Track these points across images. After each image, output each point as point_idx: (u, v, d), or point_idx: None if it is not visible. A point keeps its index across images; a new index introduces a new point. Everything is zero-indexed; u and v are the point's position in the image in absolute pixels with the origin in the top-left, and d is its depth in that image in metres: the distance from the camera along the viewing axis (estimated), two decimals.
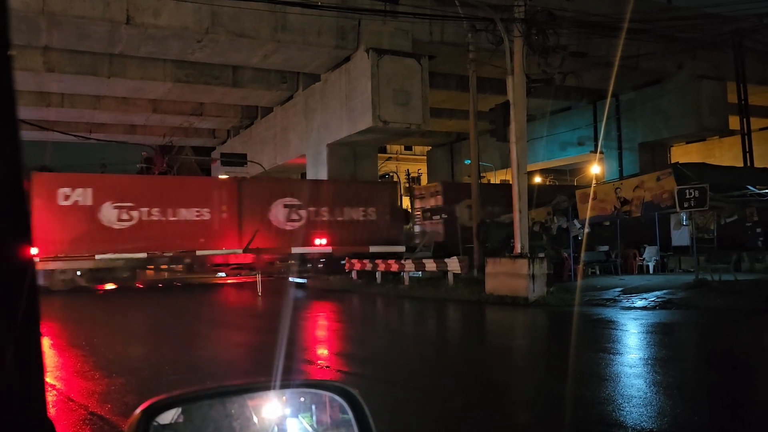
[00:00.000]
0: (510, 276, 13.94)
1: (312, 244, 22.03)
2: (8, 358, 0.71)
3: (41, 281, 18.09)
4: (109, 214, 19.46)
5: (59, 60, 22.44)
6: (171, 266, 22.41)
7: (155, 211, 20.20)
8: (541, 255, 14.70)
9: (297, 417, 1.23)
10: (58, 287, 18.55)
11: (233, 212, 21.44)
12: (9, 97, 0.70)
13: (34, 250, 0.76)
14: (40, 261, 17.62)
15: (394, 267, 18.88)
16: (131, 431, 0.98)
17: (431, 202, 26.41)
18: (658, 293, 13.19)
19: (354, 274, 20.71)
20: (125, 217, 19.80)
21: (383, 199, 23.62)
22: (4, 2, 0.70)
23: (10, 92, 0.70)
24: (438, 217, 23.40)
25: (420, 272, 18.27)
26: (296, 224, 22.15)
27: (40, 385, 0.80)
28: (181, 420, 1.10)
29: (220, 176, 28.78)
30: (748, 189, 15.94)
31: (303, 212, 22.25)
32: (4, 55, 0.69)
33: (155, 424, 1.04)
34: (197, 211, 20.93)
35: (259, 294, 17.20)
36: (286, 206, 22.11)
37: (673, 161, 26.83)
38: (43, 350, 0.78)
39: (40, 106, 27.19)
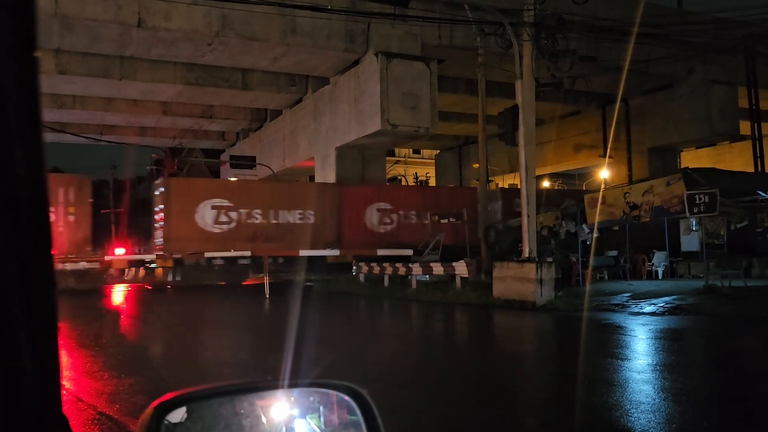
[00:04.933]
0: (518, 280, 13.90)
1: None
2: (26, 356, 0.73)
3: None
4: None
5: (71, 62, 22.64)
6: None
7: None
8: (549, 259, 14.65)
9: (305, 417, 1.24)
10: None
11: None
12: (34, 100, 0.71)
13: (52, 251, 0.78)
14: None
15: (402, 270, 18.88)
16: (143, 428, 1.00)
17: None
18: (667, 299, 13.11)
19: (361, 277, 20.73)
20: None
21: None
22: (32, 3, 0.71)
23: (36, 95, 0.71)
24: (446, 220, 23.37)
25: (427, 275, 18.26)
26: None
27: (56, 383, 0.82)
28: (191, 418, 1.12)
29: (231, 178, 28.88)
30: (759, 194, 15.84)
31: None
32: (30, 56, 0.70)
33: (166, 422, 1.06)
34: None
35: (267, 296, 17.25)
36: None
37: (682, 166, 26.72)
38: (59, 349, 0.80)
39: (52, 108, 27.41)
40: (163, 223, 21.26)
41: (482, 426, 5.05)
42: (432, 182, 46.10)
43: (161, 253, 21.28)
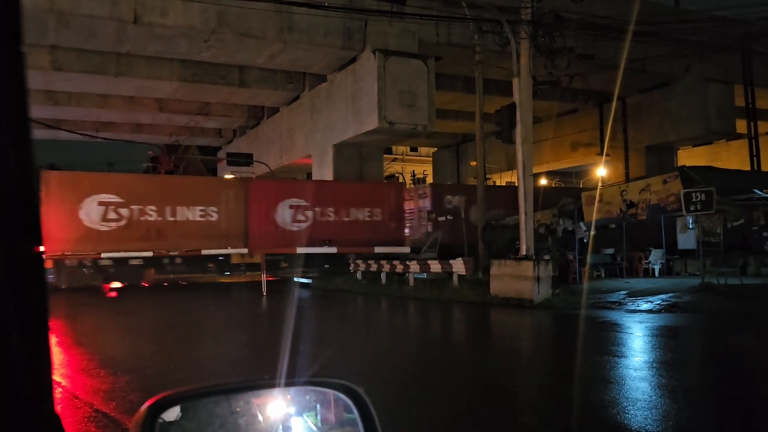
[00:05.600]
0: (515, 278, 13.91)
1: None
2: (17, 354, 0.72)
3: None
4: None
5: (67, 59, 22.55)
6: None
7: None
8: (547, 257, 14.67)
9: (301, 416, 1.23)
10: None
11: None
12: (22, 95, 0.70)
13: (42, 248, 0.77)
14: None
15: (399, 268, 18.88)
16: (137, 427, 0.99)
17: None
18: (663, 296, 13.14)
19: (359, 275, 20.73)
20: None
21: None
22: None
23: (23, 90, 0.70)
24: (443, 218, 23.35)
25: (425, 273, 18.26)
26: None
27: (48, 381, 0.81)
28: (186, 417, 1.11)
29: (226, 176, 28.85)
30: (755, 193, 15.87)
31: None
32: (17, 51, 0.69)
33: (161, 420, 1.05)
34: None
35: (264, 294, 17.23)
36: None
37: (679, 164, 26.75)
38: (51, 347, 0.79)
39: (47, 105, 27.32)
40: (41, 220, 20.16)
41: (479, 424, 5.05)
42: (429, 180, 46.11)
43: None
